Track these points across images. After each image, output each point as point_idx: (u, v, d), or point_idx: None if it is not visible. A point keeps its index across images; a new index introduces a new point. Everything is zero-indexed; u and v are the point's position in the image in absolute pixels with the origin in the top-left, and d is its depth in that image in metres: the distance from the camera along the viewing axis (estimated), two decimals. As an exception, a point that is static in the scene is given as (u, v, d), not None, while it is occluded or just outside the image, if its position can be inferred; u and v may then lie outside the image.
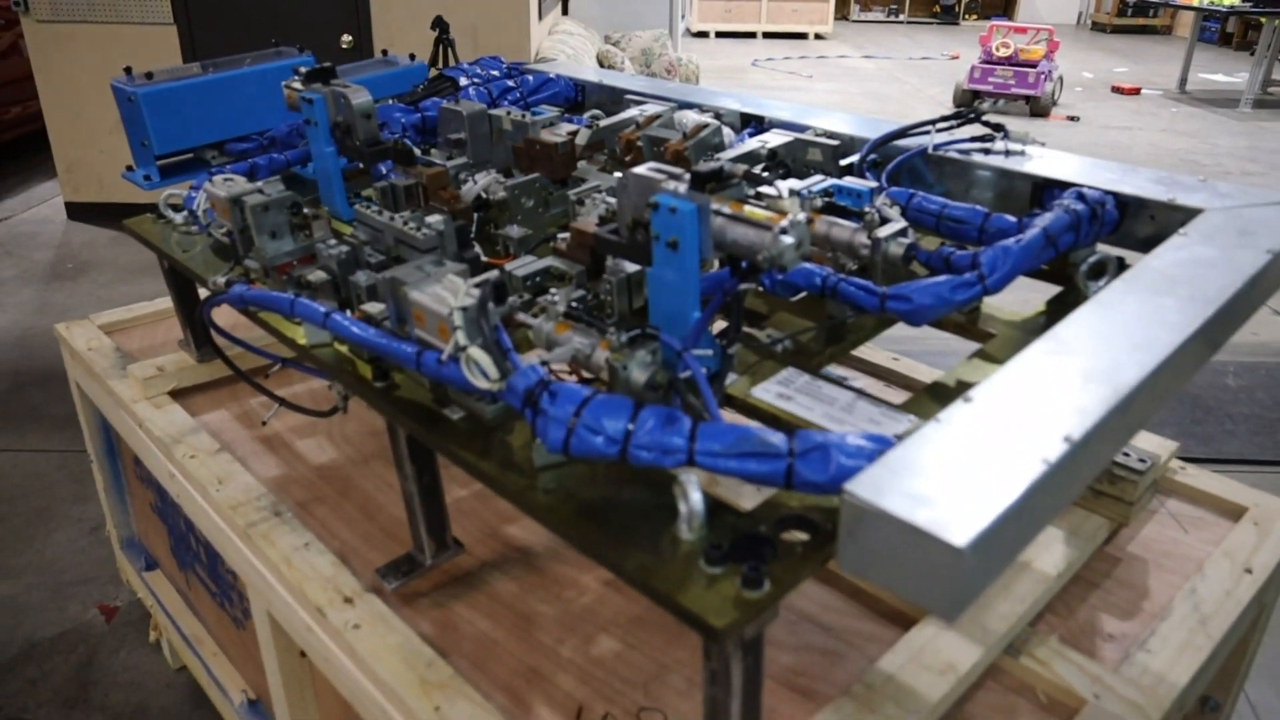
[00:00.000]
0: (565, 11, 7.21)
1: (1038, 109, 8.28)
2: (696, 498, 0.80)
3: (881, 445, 0.77)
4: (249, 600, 1.47)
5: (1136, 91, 9.57)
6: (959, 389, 1.04)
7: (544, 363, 0.92)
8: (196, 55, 4.61)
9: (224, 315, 1.40)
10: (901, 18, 15.81)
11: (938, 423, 0.77)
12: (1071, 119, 8.27)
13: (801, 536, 0.82)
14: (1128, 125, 8.10)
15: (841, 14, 15.34)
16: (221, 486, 1.41)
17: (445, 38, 3.88)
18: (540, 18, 5.42)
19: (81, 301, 3.96)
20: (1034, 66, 8.25)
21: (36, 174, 5.88)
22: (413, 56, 2.04)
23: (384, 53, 2.10)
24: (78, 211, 4.97)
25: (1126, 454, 1.32)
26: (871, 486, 0.69)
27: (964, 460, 0.72)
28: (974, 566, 0.66)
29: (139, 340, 1.91)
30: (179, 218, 1.57)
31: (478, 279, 0.94)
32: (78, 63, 4.65)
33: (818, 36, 13.50)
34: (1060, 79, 8.80)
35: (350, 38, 4.64)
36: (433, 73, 2.02)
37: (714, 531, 0.81)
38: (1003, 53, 8.36)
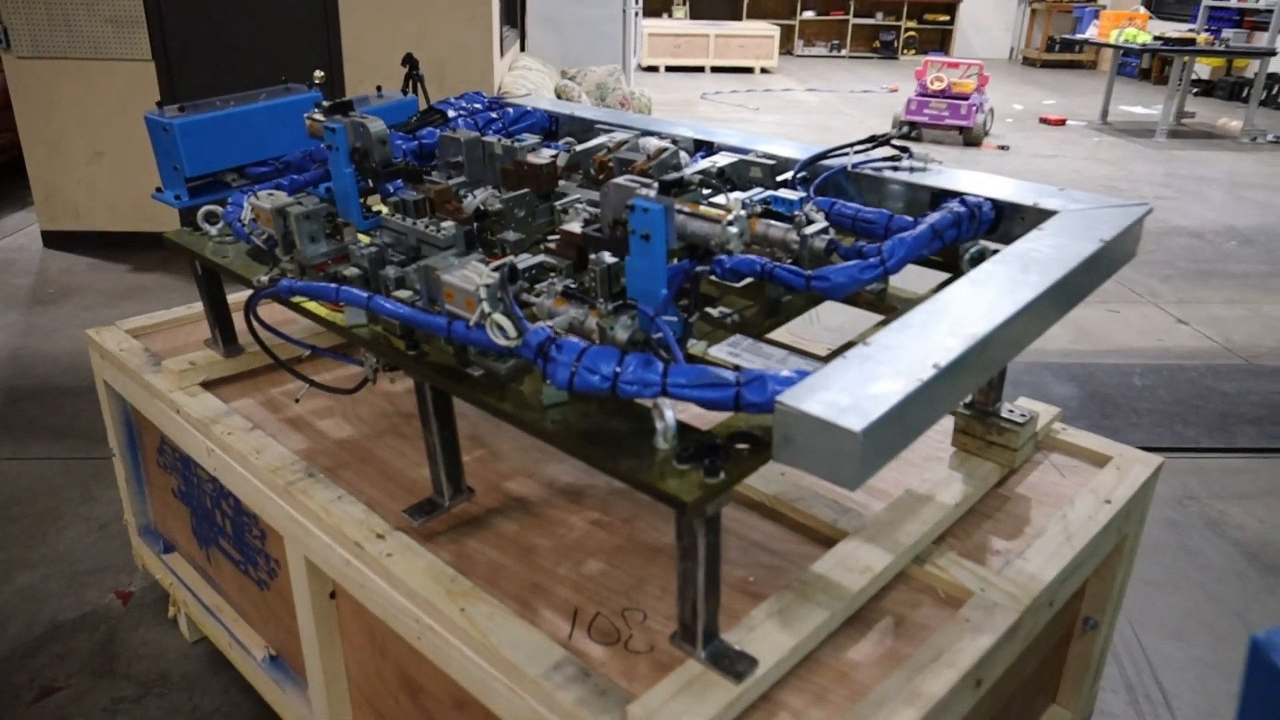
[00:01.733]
0: (523, 48, 7.54)
1: (970, 139, 8.77)
2: (670, 416, 1.08)
3: (803, 375, 1.05)
4: (281, 556, 1.71)
5: (1062, 122, 10.14)
6: (869, 349, 1.34)
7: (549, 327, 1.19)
8: (174, 91, 4.83)
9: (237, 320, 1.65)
10: (843, 53, 16.44)
11: (844, 359, 1.06)
12: (1002, 148, 8.77)
13: (745, 446, 1.10)
14: (1054, 154, 8.62)
15: (786, 49, 15.92)
16: (259, 455, 1.65)
17: (415, 73, 4.17)
18: (502, 54, 5.72)
19: (66, 324, 4.13)
20: (966, 99, 8.75)
21: (7, 205, 6.02)
22: (405, 92, 2.31)
23: (379, 89, 2.37)
24: (54, 240, 5.13)
25: (1011, 410, 1.62)
26: (796, 398, 0.98)
27: (861, 380, 1.01)
28: (868, 448, 0.94)
29: (162, 343, 2.14)
30: (214, 230, 1.82)
31: (496, 263, 1.21)
32: (57, 97, 4.84)
33: (763, 70, 14.02)
34: (991, 110, 9.32)
35: (322, 73, 4.89)
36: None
37: (682, 442, 1.09)
38: (936, 86, 8.86)
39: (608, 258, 1.34)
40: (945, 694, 1.16)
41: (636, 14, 9.31)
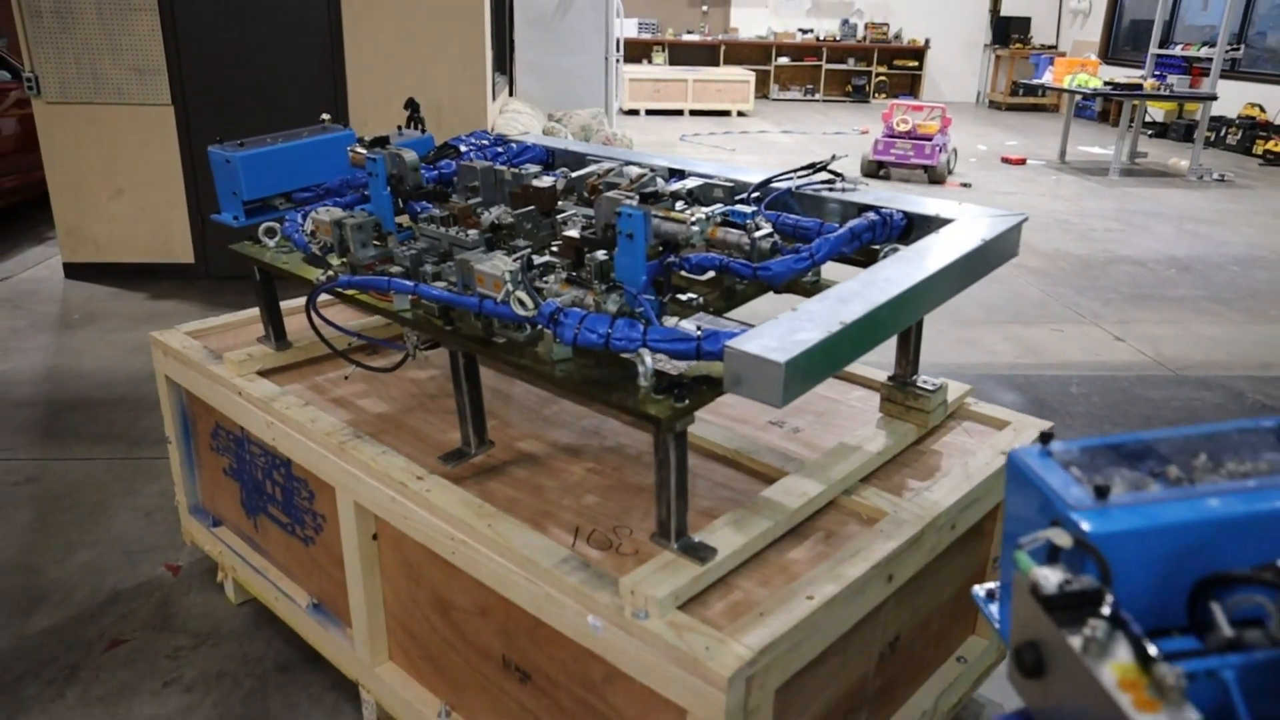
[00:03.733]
0: (512, 92, 8.00)
1: (934, 176, 9.28)
2: (649, 361, 1.46)
3: (744, 331, 1.44)
4: (329, 510, 2.06)
5: (1023, 162, 10.70)
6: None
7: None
8: (191, 134, 5.22)
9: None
10: (817, 97, 17.08)
11: (776, 320, 1.45)
12: (964, 185, 9.28)
13: (704, 386, 1.48)
14: (1013, 191, 9.13)
15: (762, 93, 16.54)
16: (314, 423, 2.02)
17: (416, 115, 4.60)
18: (493, 98, 6.16)
19: (94, 344, 4.47)
20: (930, 140, 9.27)
21: (25, 240, 6.37)
22: (422, 131, 2.71)
23: (400, 129, 2.76)
24: (75, 271, 5.48)
25: (925, 381, 2.01)
26: (739, 343, 1.37)
27: (787, 331, 1.40)
28: (790, 376, 1.33)
29: (216, 342, 2.50)
30: (272, 243, 2.20)
31: (516, 255, 1.60)
32: (82, 139, 5.22)
33: (740, 114, 14.60)
34: (954, 151, 9.86)
35: (329, 116, 5.29)
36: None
37: (658, 381, 1.47)
38: (902, 128, 9.38)
39: (600, 255, 1.73)
40: (859, 577, 1.54)
41: (618, 61, 9.83)
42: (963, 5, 16.85)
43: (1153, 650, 0.70)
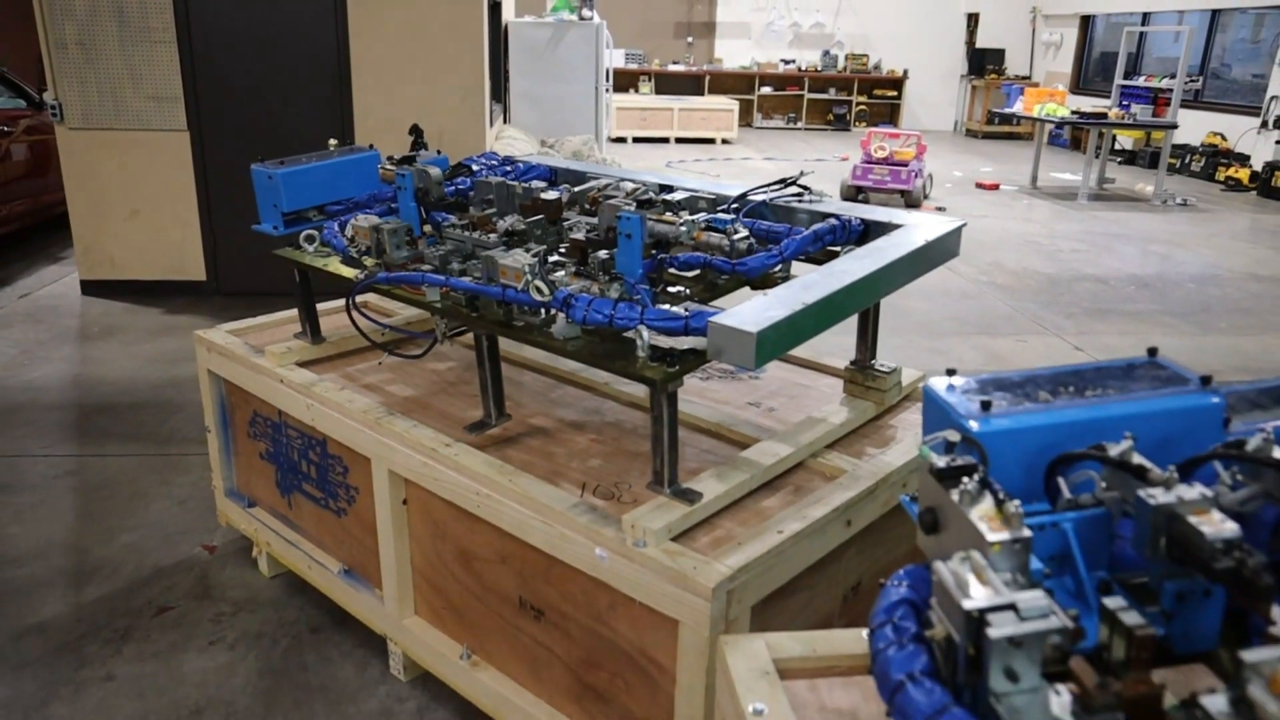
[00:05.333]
0: (507, 120, 8.35)
1: (910, 201, 9.67)
2: (646, 335, 1.76)
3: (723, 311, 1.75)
4: (362, 482, 2.35)
5: (996, 187, 11.12)
6: (775, 311, 2.04)
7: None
8: (205, 158, 5.53)
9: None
10: (799, 125, 17.56)
11: (751, 301, 1.76)
12: (939, 209, 9.66)
13: (691, 355, 1.78)
14: (985, 214, 9.52)
15: (745, 122, 17.00)
16: (351, 403, 2.31)
17: (420, 141, 4.93)
18: (490, 125, 6.50)
19: (115, 355, 4.74)
20: (906, 165, 9.66)
21: (39, 260, 6.64)
22: (439, 152, 3.02)
23: (418, 154, 3.07)
24: (91, 288, 5.76)
25: (881, 365, 2.33)
26: (721, 319, 1.68)
27: (760, 310, 1.71)
28: (761, 344, 1.63)
29: (253, 340, 2.79)
30: (310, 248, 2.50)
31: (533, 251, 1.91)
32: (102, 162, 5.52)
33: (724, 141, 15.02)
34: (930, 176, 10.26)
35: (335, 141, 5.61)
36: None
37: (654, 352, 1.77)
38: (879, 154, 9.78)
39: (602, 254, 2.03)
40: (821, 517, 1.84)
41: (607, 90, 10.21)
42: (940, 37, 17.41)
43: (1004, 496, 1.01)
